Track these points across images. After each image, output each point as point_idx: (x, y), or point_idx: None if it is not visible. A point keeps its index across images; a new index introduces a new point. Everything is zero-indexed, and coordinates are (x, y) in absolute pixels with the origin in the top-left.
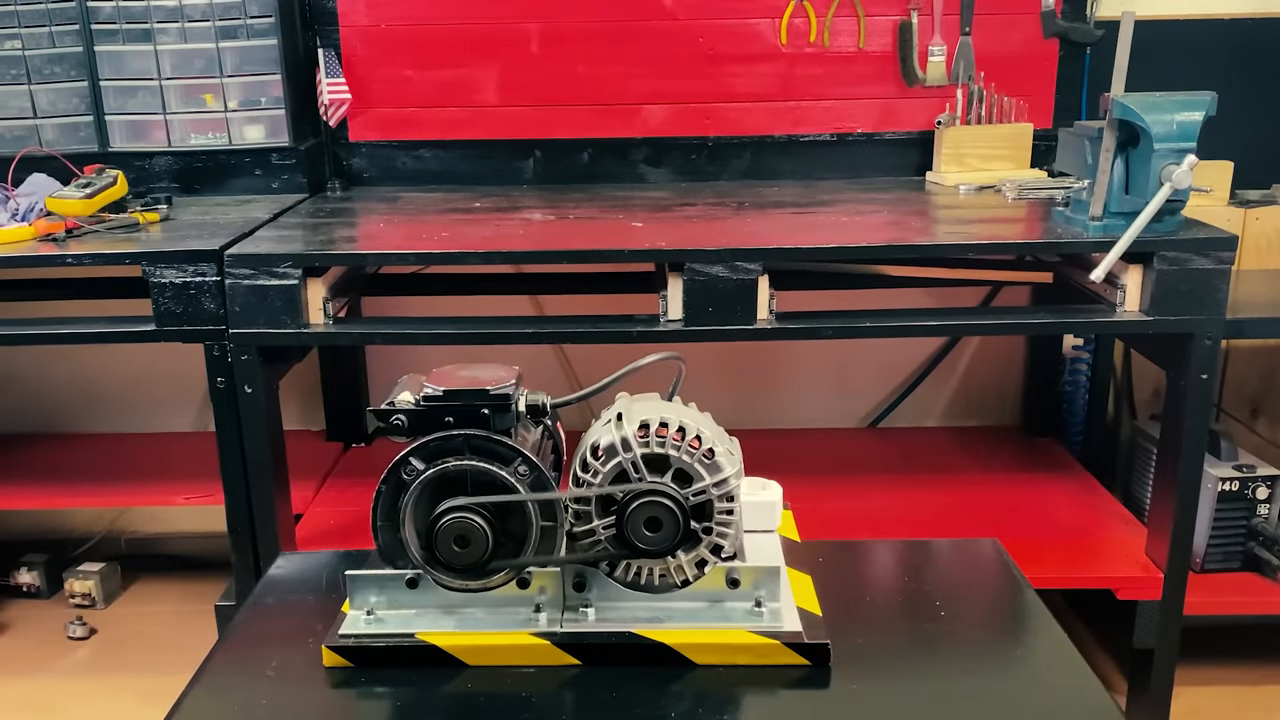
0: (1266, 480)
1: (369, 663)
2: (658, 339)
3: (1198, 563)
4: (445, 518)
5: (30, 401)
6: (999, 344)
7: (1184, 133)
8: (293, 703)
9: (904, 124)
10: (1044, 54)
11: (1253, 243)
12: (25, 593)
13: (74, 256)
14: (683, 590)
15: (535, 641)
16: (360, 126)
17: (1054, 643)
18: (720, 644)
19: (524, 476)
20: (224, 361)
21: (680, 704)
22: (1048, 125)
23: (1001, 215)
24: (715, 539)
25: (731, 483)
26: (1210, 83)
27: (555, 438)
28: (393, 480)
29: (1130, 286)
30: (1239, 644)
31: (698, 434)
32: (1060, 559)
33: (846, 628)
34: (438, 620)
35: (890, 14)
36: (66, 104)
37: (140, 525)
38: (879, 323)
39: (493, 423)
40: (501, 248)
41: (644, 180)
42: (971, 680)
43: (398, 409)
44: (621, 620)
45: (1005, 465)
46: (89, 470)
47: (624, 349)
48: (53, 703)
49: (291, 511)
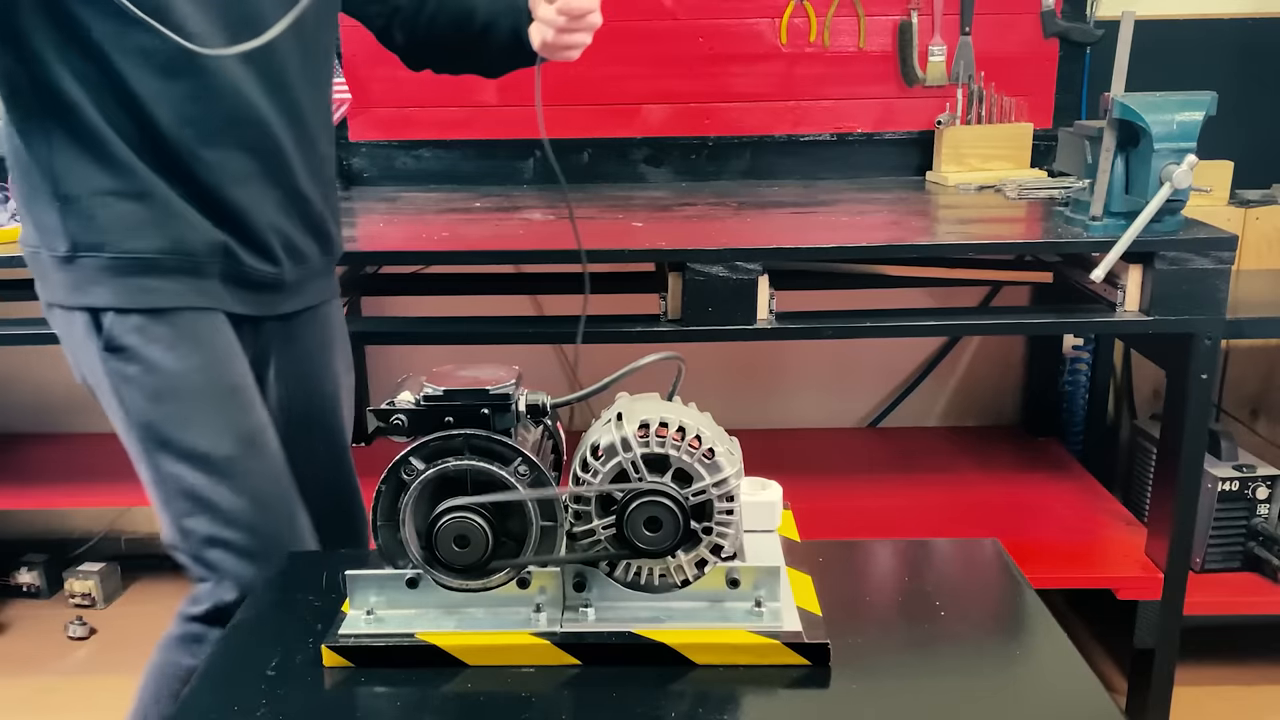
0: (1266, 480)
1: (369, 663)
2: (658, 339)
3: (1198, 563)
4: (445, 518)
5: (30, 401)
6: (999, 344)
7: (1184, 133)
8: (293, 703)
9: (904, 124)
10: (1044, 54)
11: (1253, 243)
12: (25, 593)
13: None
14: (683, 590)
15: (535, 641)
16: (360, 126)
17: (1054, 643)
18: (720, 644)
19: (524, 476)
20: None
21: (680, 704)
22: (1048, 125)
23: (1001, 215)
24: (715, 539)
25: (731, 483)
26: (1210, 83)
27: (555, 438)
28: (393, 480)
29: (1130, 286)
30: (1239, 644)
31: (698, 434)
32: (1060, 559)
33: (846, 628)
34: (438, 620)
35: (890, 14)
36: None
37: (140, 525)
38: (879, 323)
39: (493, 423)
40: (501, 248)
41: (644, 180)
42: (971, 680)
43: (398, 409)
44: (621, 620)
45: (1005, 465)
46: (89, 470)
47: (624, 349)
48: (53, 703)
49: None
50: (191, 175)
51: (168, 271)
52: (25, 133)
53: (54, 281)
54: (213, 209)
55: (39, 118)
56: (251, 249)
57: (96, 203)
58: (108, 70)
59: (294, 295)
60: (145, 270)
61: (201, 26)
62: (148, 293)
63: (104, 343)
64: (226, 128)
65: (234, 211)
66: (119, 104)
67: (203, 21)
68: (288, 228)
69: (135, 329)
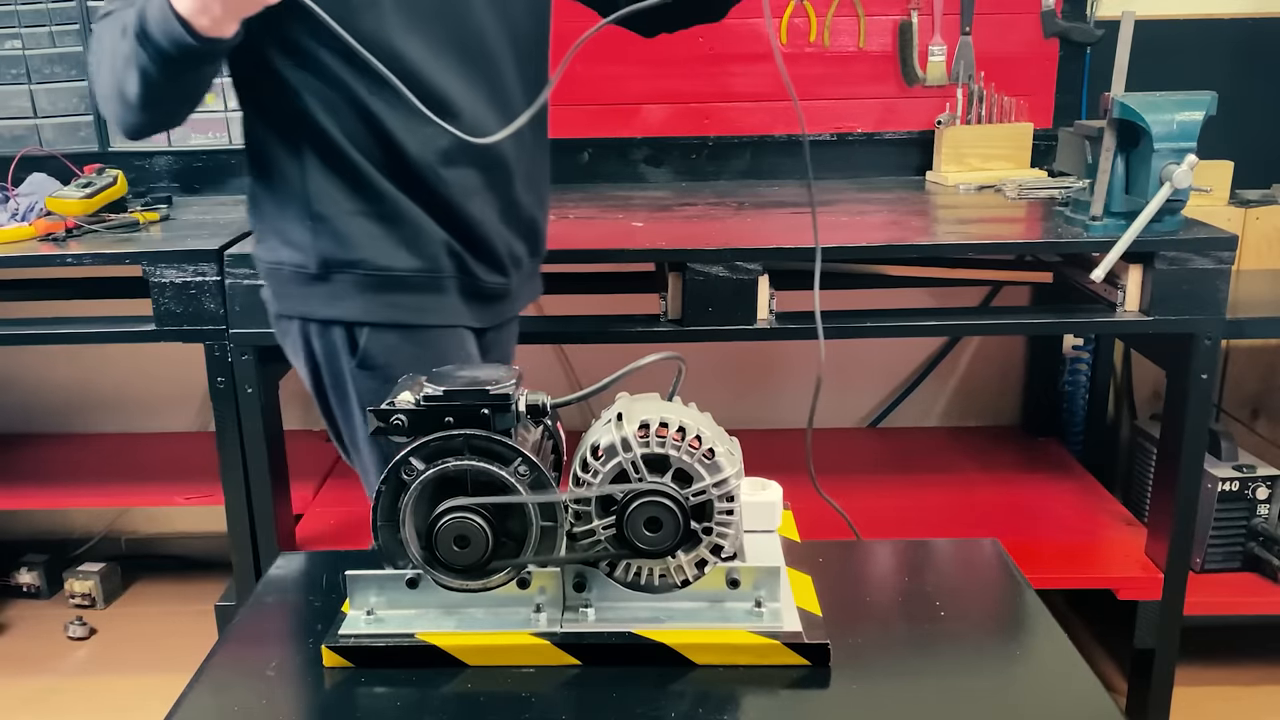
0: (1266, 480)
1: (369, 663)
2: (658, 339)
3: (1198, 563)
4: (445, 518)
5: (30, 401)
6: (999, 344)
7: (1184, 133)
8: (293, 703)
9: (904, 124)
10: (1044, 54)
11: (1253, 243)
12: (25, 593)
13: (74, 256)
14: (683, 590)
15: (535, 641)
16: None
17: (1054, 643)
18: (720, 644)
19: (524, 476)
20: (224, 361)
21: (680, 704)
22: (1048, 125)
23: (1001, 215)
24: (715, 539)
25: (731, 483)
26: (1210, 83)
27: (555, 438)
28: (393, 480)
29: (1130, 286)
30: (1239, 644)
31: (698, 434)
32: (1060, 559)
33: (846, 628)
34: (438, 620)
35: (890, 14)
36: (66, 104)
37: (140, 525)
38: (879, 323)
39: (493, 423)
40: None
41: (644, 180)
42: (971, 680)
43: (398, 409)
44: (621, 620)
45: (1005, 465)
46: (89, 470)
47: (624, 349)
48: (53, 703)
49: (291, 511)
50: (433, 193)
51: (416, 288)
52: (276, 155)
53: (296, 295)
54: (449, 224)
55: (291, 142)
56: (483, 261)
57: (348, 222)
58: (353, 101)
59: (514, 302)
60: (396, 287)
61: (422, 52)
62: (399, 309)
63: (359, 360)
64: (465, 146)
65: (467, 225)
66: (366, 130)
67: (421, 46)
68: (508, 235)
69: (389, 349)
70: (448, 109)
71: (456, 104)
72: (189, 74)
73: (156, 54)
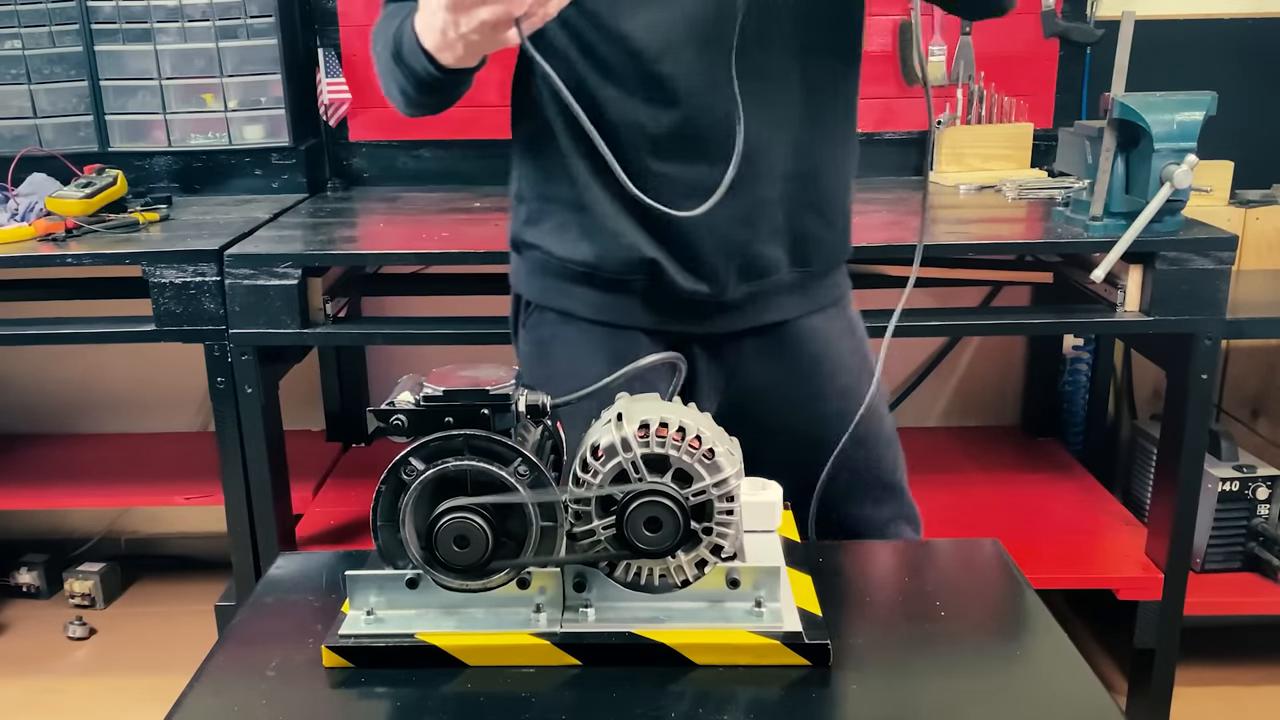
0: (1266, 480)
1: (369, 663)
2: None
3: (1198, 563)
4: (445, 518)
5: (30, 401)
6: (999, 344)
7: (1184, 133)
8: (293, 703)
9: (904, 124)
10: (1044, 54)
11: (1253, 243)
12: (25, 593)
13: (74, 256)
14: (683, 590)
15: (535, 641)
16: (360, 126)
17: (1054, 643)
18: (720, 644)
19: (524, 476)
20: (224, 361)
21: (680, 704)
22: (1048, 125)
23: (1001, 215)
24: (715, 539)
25: (731, 483)
26: (1210, 83)
27: (555, 438)
28: (392, 480)
29: (1130, 286)
30: (1239, 644)
31: (698, 434)
32: (1060, 559)
33: (846, 628)
34: (438, 620)
35: (890, 14)
36: (66, 104)
37: (140, 525)
38: (879, 323)
39: (493, 423)
40: (502, 248)
41: None
42: (971, 680)
43: (398, 409)
44: (621, 620)
45: (1005, 465)
46: (89, 470)
47: None
48: (53, 703)
49: (291, 511)
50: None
51: (584, 282)
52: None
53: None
54: (651, 225)
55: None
56: (687, 268)
57: (540, 206)
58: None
59: (744, 313)
60: (564, 276)
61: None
62: (565, 297)
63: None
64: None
65: (675, 229)
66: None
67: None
68: (746, 241)
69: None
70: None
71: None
72: (445, 90)
73: (411, 75)
